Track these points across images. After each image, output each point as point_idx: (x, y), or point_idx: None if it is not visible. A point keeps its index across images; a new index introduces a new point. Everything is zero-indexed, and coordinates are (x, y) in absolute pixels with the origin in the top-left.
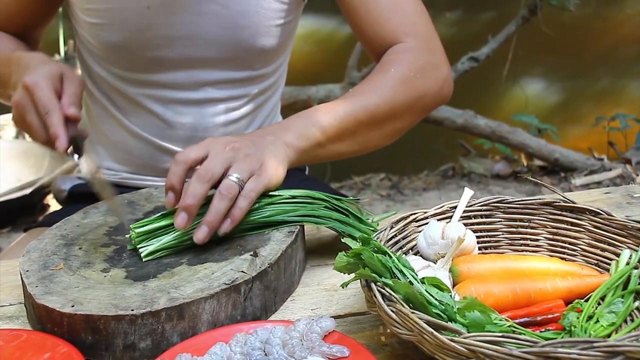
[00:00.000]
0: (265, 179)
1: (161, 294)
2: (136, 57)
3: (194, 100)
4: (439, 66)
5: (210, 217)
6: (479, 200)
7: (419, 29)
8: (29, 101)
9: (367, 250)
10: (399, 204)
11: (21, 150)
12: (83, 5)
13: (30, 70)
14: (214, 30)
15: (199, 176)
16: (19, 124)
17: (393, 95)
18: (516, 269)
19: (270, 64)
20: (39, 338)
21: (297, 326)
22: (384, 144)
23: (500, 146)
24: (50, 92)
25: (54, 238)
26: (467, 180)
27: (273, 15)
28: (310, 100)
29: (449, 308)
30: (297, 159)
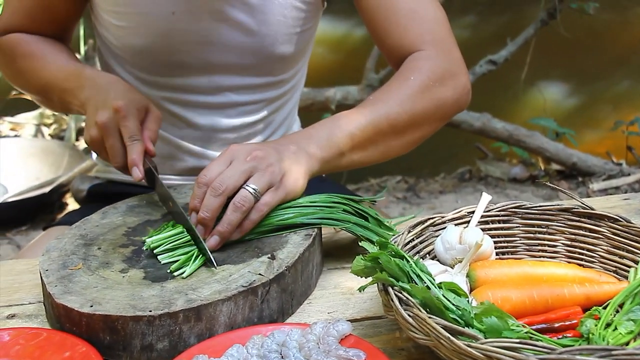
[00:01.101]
0: (282, 193)
1: (179, 295)
2: (159, 61)
3: (214, 104)
4: (457, 75)
5: (222, 227)
6: (497, 206)
7: (439, 37)
8: (115, 125)
9: (385, 254)
10: (415, 207)
11: (40, 149)
12: (108, 7)
13: (118, 94)
14: (236, 38)
15: (213, 189)
16: (95, 144)
17: (413, 104)
18: (534, 275)
19: (289, 70)
20: (58, 337)
21: (314, 329)
22: (403, 152)
23: (517, 150)
24: (137, 122)
25: (73, 238)
26: (484, 184)
27: (294, 24)
28: (327, 102)
29: (466, 313)
30: (320, 169)
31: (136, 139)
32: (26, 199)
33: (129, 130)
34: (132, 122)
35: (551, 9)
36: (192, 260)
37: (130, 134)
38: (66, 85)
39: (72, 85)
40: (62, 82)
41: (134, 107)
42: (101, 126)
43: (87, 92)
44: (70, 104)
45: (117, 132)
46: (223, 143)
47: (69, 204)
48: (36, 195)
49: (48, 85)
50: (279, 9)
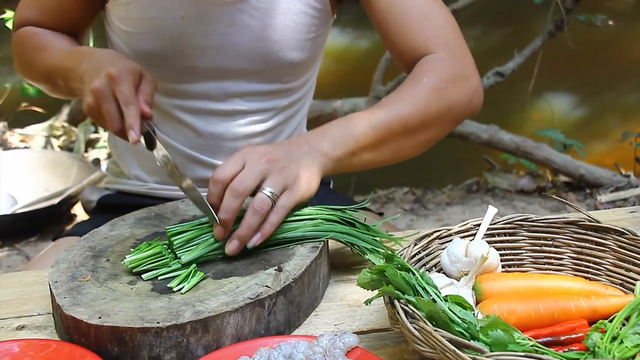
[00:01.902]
0: (297, 194)
1: (186, 307)
2: (169, 66)
3: (223, 111)
4: (469, 77)
5: (242, 231)
6: (503, 218)
7: (450, 40)
8: (110, 90)
9: (391, 267)
10: (423, 219)
11: (49, 160)
12: (120, 13)
13: (111, 62)
14: (245, 42)
15: (232, 190)
16: (92, 111)
17: (425, 105)
18: (539, 288)
19: (299, 77)
20: (67, 348)
21: (320, 341)
22: (415, 153)
23: (524, 161)
24: (132, 85)
25: (82, 249)
26: (491, 196)
27: (303, 30)
28: (335, 114)
29: (472, 326)
30: (332, 167)
31: (131, 103)
32: (35, 210)
33: (123, 95)
34: (127, 86)
35: (558, 21)
36: (191, 276)
37: (125, 98)
38: (67, 64)
39: (72, 62)
40: (64, 62)
41: (128, 73)
42: (96, 92)
43: (84, 66)
44: (71, 81)
45: (112, 97)
46: (231, 153)
47: (77, 215)
48: (45, 206)
49: (53, 70)
50: (289, 14)
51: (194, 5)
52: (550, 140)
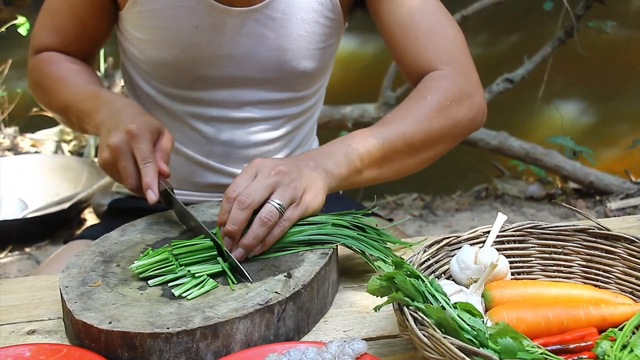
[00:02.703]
0: (302, 209)
1: (196, 312)
2: (182, 74)
3: (235, 118)
4: (473, 95)
5: (248, 240)
6: (512, 226)
7: (456, 57)
8: (128, 147)
9: (400, 274)
10: (431, 225)
11: (60, 165)
12: (134, 21)
13: (130, 117)
14: (259, 52)
15: (239, 202)
16: (108, 166)
17: (429, 123)
18: (549, 296)
19: (310, 86)
20: (78, 353)
21: (330, 348)
22: (417, 170)
23: (534, 168)
24: (150, 144)
25: (92, 255)
26: (501, 202)
27: (316, 39)
28: (344, 120)
29: (481, 334)
30: (337, 185)
31: (149, 162)
32: (46, 214)
33: (141, 153)
34: (145, 144)
35: (568, 28)
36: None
37: (143, 156)
38: (83, 107)
39: (88, 107)
40: (80, 103)
41: (147, 130)
42: (113, 149)
43: (102, 115)
44: (86, 124)
45: (129, 154)
46: (243, 160)
47: (87, 219)
48: (55, 211)
49: (67, 105)
50: (302, 24)
51: (208, 14)
52: (560, 147)
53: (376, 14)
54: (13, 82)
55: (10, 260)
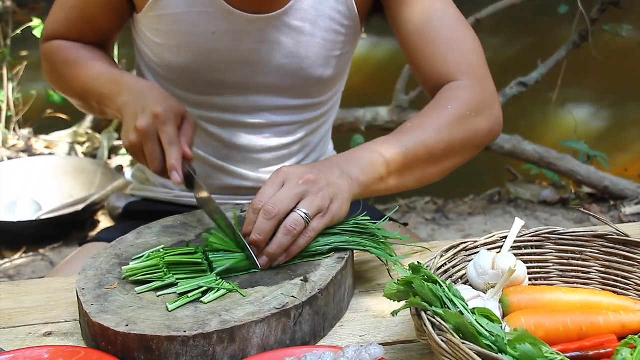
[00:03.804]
0: (328, 218)
1: (213, 316)
2: (198, 79)
3: (250, 124)
4: (492, 105)
5: (273, 249)
6: (530, 231)
7: (475, 68)
8: (155, 130)
9: (418, 278)
10: (444, 229)
11: (74, 167)
12: (152, 25)
13: (156, 100)
14: (274, 58)
15: (266, 212)
16: (134, 148)
17: (450, 133)
18: (567, 302)
19: (326, 92)
20: (95, 356)
21: (346, 352)
22: (437, 179)
23: (547, 172)
24: (175, 128)
25: (108, 257)
26: (514, 206)
27: (332, 47)
28: (357, 123)
29: (500, 340)
30: (360, 192)
31: (175, 144)
32: (59, 216)
33: (167, 136)
34: (171, 127)
35: (583, 31)
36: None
37: (169, 139)
38: (104, 91)
39: (110, 90)
40: (101, 87)
41: (172, 113)
42: (141, 131)
43: (125, 98)
44: (107, 107)
45: (155, 137)
46: (258, 163)
47: (101, 221)
48: (69, 212)
49: (87, 90)
50: (319, 31)
51: (225, 21)
52: (574, 151)
53: (394, 21)
54: (28, 84)
55: (25, 261)
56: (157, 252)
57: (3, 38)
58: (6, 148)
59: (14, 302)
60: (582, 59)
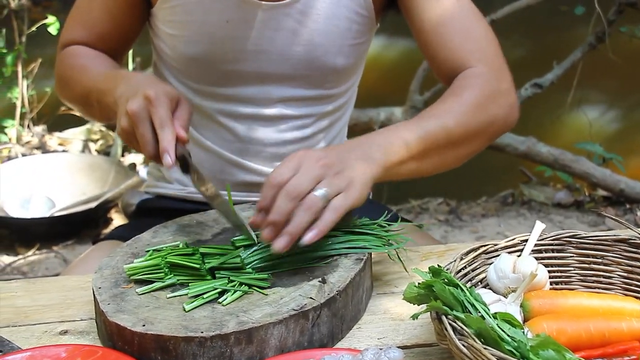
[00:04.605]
0: (352, 198)
1: (230, 317)
2: (212, 70)
3: (265, 116)
4: (507, 93)
5: (292, 227)
6: (551, 234)
7: (490, 55)
8: (146, 113)
9: (439, 282)
10: (457, 230)
11: (87, 164)
12: (165, 17)
13: (149, 85)
14: (290, 47)
15: (286, 193)
16: (126, 133)
17: (467, 119)
18: (590, 307)
19: (341, 83)
20: (113, 356)
21: (365, 356)
22: (454, 166)
23: (562, 174)
24: (168, 110)
25: (125, 256)
26: (527, 208)
27: (347, 35)
28: (371, 123)
29: (522, 345)
30: (382, 175)
31: (167, 126)
32: (73, 213)
33: (159, 118)
34: (163, 109)
35: (600, 33)
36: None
37: (161, 121)
38: (103, 87)
39: (108, 85)
40: (100, 84)
41: (165, 96)
42: (132, 114)
43: (120, 89)
44: (107, 104)
45: (147, 120)
46: (273, 158)
47: (113, 219)
48: (82, 210)
49: (88, 92)
50: (334, 20)
51: (239, 9)
52: (588, 154)
53: (408, 11)
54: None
55: (38, 258)
56: (159, 251)
57: (18, 35)
58: (20, 145)
59: (30, 299)
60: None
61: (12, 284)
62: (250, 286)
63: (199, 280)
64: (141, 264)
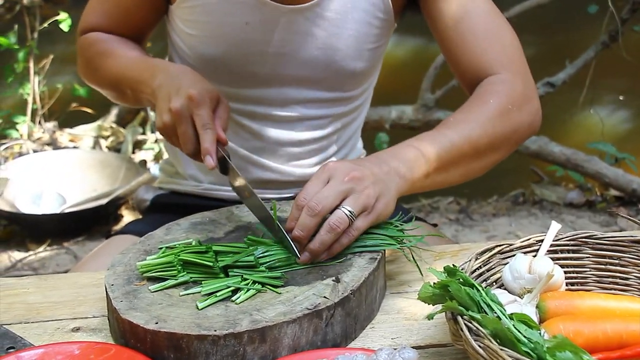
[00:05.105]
0: (373, 217)
1: (243, 315)
2: (230, 71)
3: (281, 117)
4: (531, 99)
5: (315, 246)
6: (566, 235)
7: (514, 61)
8: (189, 112)
9: (455, 282)
10: (468, 229)
11: (98, 161)
12: (184, 16)
13: (191, 82)
14: (308, 50)
15: (309, 209)
16: (167, 130)
17: (493, 127)
18: (606, 309)
19: (358, 86)
20: (127, 354)
21: (379, 355)
22: (480, 174)
23: (573, 174)
24: (210, 111)
25: (137, 253)
26: (539, 208)
27: (367, 39)
28: (382, 121)
29: (539, 347)
30: (407, 189)
31: (209, 127)
32: (84, 210)
33: (202, 119)
34: (205, 110)
35: (613, 32)
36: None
37: (204, 122)
38: (138, 76)
39: (144, 75)
40: (134, 73)
41: (207, 96)
42: (175, 113)
43: (159, 80)
44: (142, 93)
45: (189, 119)
46: (289, 157)
47: (124, 215)
48: (93, 206)
49: (121, 78)
50: (353, 24)
51: (259, 11)
52: (600, 153)
53: (430, 14)
54: (53, 77)
55: (49, 254)
56: (172, 248)
57: (30, 32)
58: (31, 141)
59: (42, 296)
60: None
61: (24, 280)
62: (263, 285)
63: (211, 278)
64: (154, 261)
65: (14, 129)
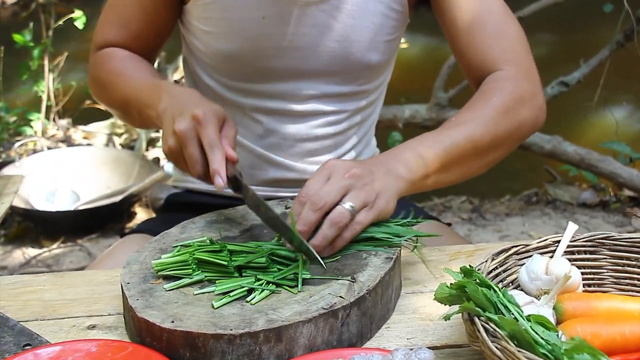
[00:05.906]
0: (375, 213)
1: (259, 315)
2: (246, 66)
3: (298, 112)
4: (536, 95)
5: (317, 241)
6: (584, 236)
7: (520, 57)
8: (195, 133)
9: (472, 283)
10: (481, 229)
11: (112, 158)
12: (200, 14)
13: (195, 103)
14: (325, 43)
15: (312, 204)
16: (173, 153)
17: (495, 125)
18: (624, 311)
19: (373, 80)
20: (143, 352)
21: (395, 356)
22: (481, 172)
23: (587, 174)
24: (217, 130)
25: (153, 251)
26: (552, 208)
27: (382, 31)
28: (395, 120)
29: (557, 349)
30: (407, 190)
31: (217, 147)
32: (97, 207)
33: (208, 138)
34: (212, 129)
35: (628, 31)
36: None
37: (210, 141)
38: (145, 99)
39: (150, 99)
40: (141, 96)
41: (213, 115)
42: (180, 134)
43: (164, 103)
44: (148, 116)
45: (196, 140)
46: (303, 153)
47: (137, 213)
48: (107, 204)
49: (128, 100)
50: (369, 16)
51: (275, 5)
52: (614, 153)
53: (439, 9)
54: (68, 75)
55: (63, 251)
56: (187, 247)
57: (45, 29)
58: (45, 138)
59: (58, 293)
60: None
61: (40, 277)
62: (278, 285)
63: (226, 278)
64: (169, 260)
65: (29, 126)
